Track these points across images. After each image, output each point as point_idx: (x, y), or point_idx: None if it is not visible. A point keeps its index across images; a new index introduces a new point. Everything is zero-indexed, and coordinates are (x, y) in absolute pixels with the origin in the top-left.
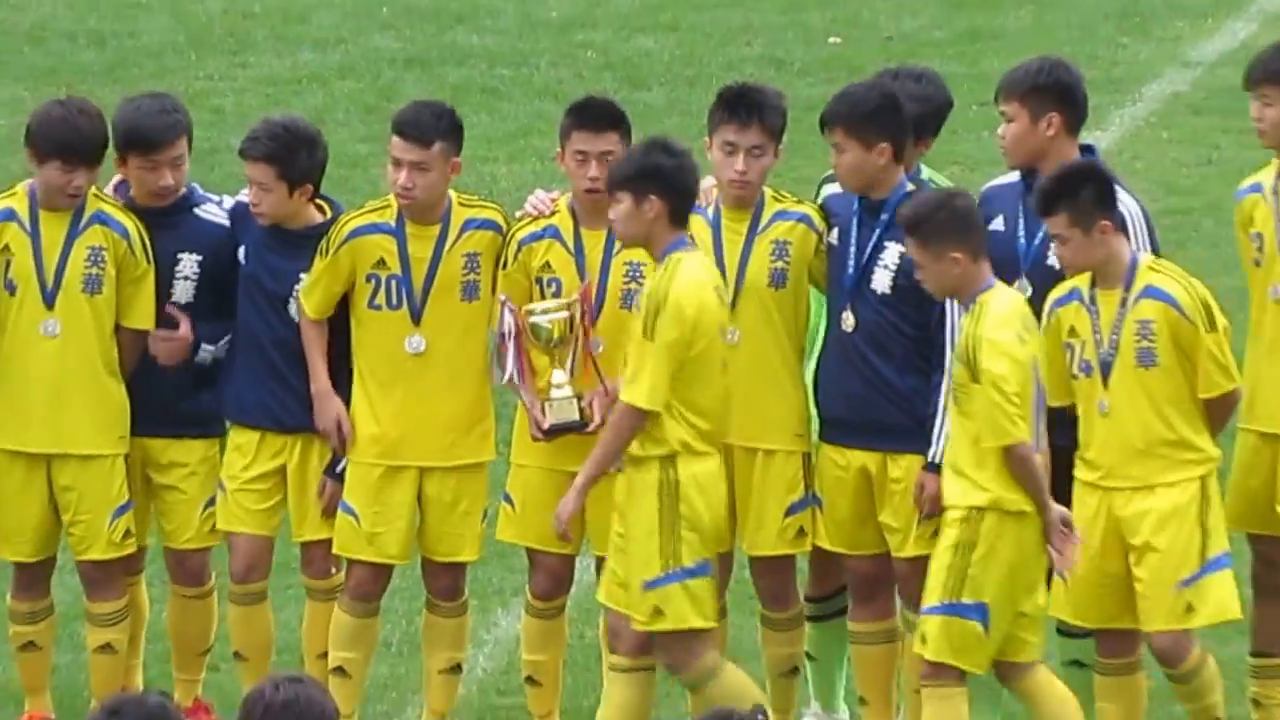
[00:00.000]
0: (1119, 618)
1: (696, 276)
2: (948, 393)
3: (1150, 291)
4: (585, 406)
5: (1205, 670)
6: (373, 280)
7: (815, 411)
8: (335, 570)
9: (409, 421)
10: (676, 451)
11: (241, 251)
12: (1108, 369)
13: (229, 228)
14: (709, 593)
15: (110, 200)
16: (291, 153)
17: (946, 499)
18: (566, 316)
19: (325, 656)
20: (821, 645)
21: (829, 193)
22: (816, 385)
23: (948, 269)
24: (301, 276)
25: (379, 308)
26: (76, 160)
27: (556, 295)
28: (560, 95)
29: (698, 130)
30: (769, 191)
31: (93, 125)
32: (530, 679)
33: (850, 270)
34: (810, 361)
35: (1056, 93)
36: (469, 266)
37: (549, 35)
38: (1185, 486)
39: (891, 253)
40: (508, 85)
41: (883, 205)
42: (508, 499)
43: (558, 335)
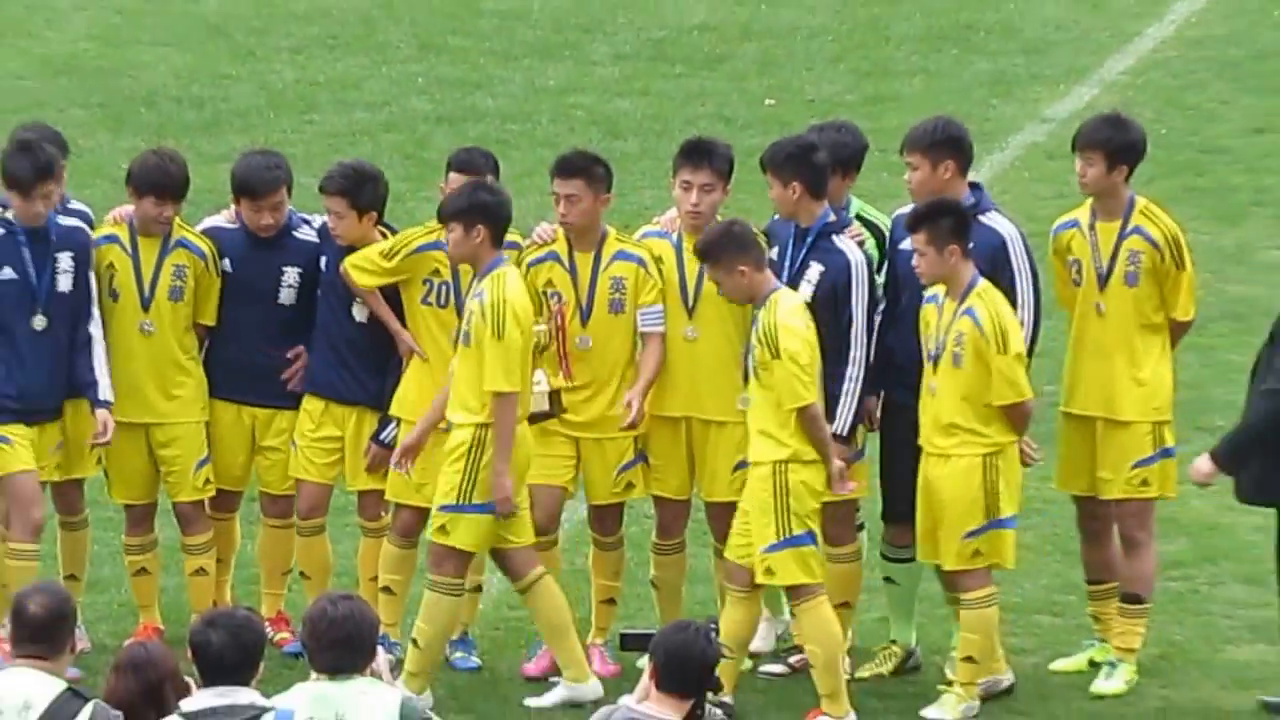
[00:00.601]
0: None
1: (519, 285)
2: (851, 377)
3: (968, 311)
4: (555, 398)
5: (986, 607)
6: (428, 284)
7: None
8: (384, 514)
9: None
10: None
11: (324, 261)
12: (937, 362)
13: (319, 244)
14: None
15: (190, 229)
16: (359, 187)
17: (753, 456)
18: (545, 329)
19: (375, 580)
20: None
21: (774, 219)
22: None
23: (738, 280)
24: None
25: (430, 304)
26: (166, 196)
27: (559, 304)
28: (556, 145)
29: (663, 172)
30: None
31: (179, 169)
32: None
33: (784, 281)
34: None
35: (951, 144)
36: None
37: (548, 98)
38: (973, 460)
39: (813, 270)
40: (515, 138)
41: (807, 232)
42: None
43: (538, 343)
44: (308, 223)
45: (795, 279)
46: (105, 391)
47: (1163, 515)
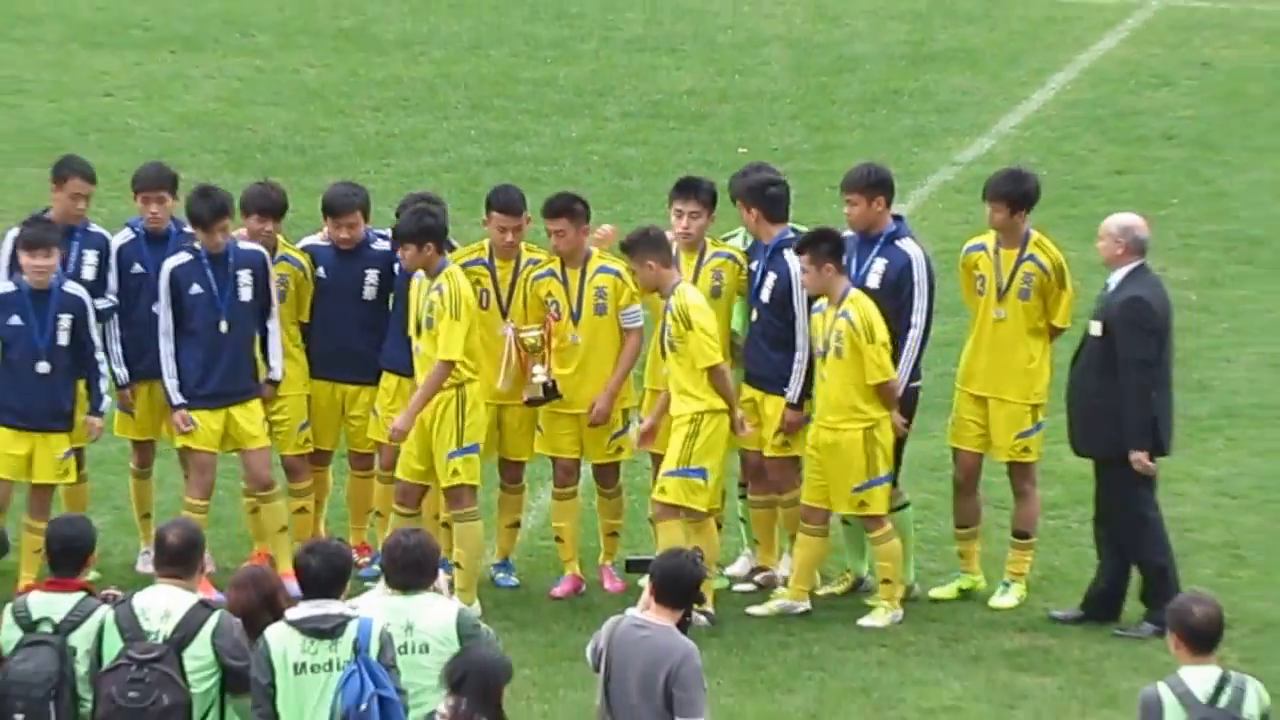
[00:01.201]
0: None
1: (465, 279)
2: (803, 361)
3: (843, 314)
4: (550, 385)
5: (888, 541)
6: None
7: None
8: None
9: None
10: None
11: (397, 265)
12: (825, 356)
13: (392, 251)
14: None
15: (291, 245)
16: (419, 234)
17: (675, 410)
18: (540, 333)
19: (437, 517)
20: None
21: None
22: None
23: (646, 271)
24: None
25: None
26: (267, 215)
27: (556, 311)
28: (577, 183)
29: (661, 204)
30: (709, 240)
31: (279, 194)
32: (557, 537)
33: (754, 286)
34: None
35: (880, 185)
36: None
37: (570, 147)
38: (855, 432)
39: (769, 278)
40: (545, 177)
41: (767, 248)
42: (538, 428)
43: (533, 344)
44: (383, 236)
45: (759, 284)
46: (276, 373)
47: (1044, 468)
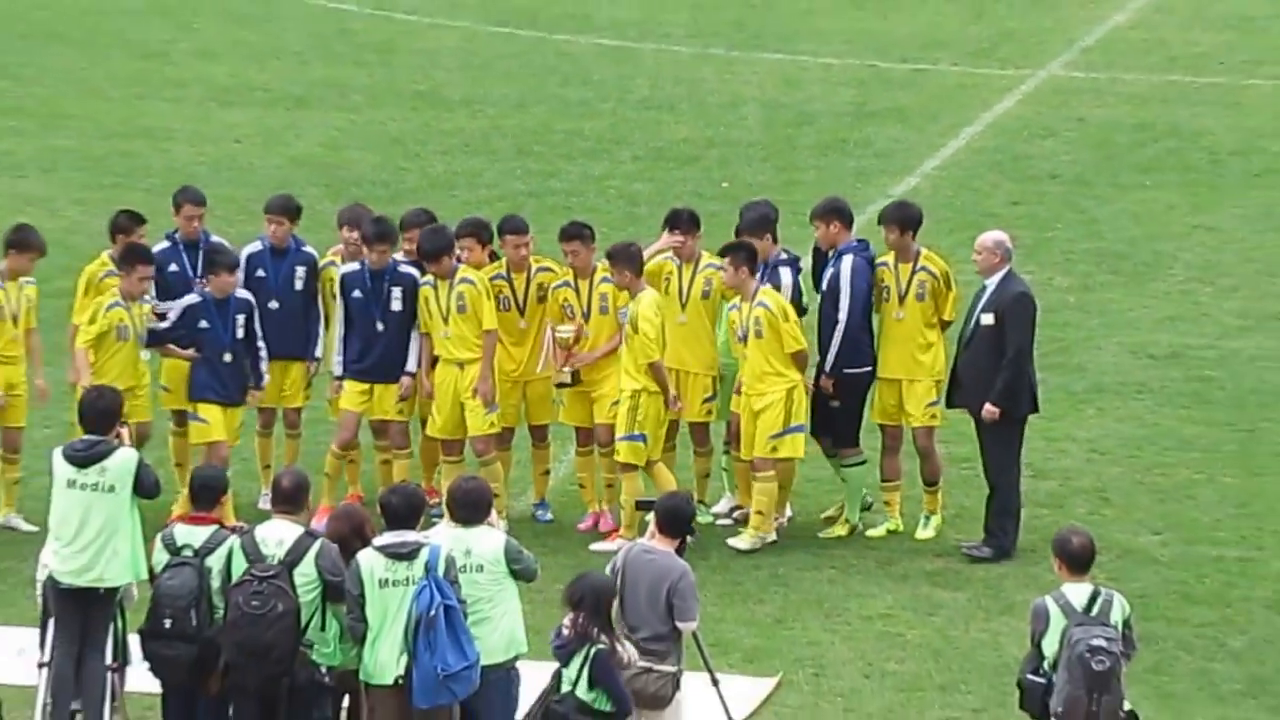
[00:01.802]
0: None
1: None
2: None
3: (760, 304)
4: (574, 375)
5: (770, 482)
6: (498, 299)
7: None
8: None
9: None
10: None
11: None
12: (746, 339)
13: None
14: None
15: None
16: (480, 232)
17: (622, 386)
18: (572, 333)
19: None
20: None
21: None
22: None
23: (620, 278)
24: None
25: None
26: (355, 227)
27: (571, 317)
28: (598, 211)
29: (658, 226)
30: (704, 253)
31: (366, 211)
32: (580, 485)
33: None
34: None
35: (836, 212)
36: (540, 293)
37: (593, 182)
38: (778, 392)
39: (767, 288)
40: (575, 206)
41: (767, 264)
42: (559, 401)
43: (564, 340)
44: (410, 262)
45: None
46: (411, 366)
47: (959, 431)
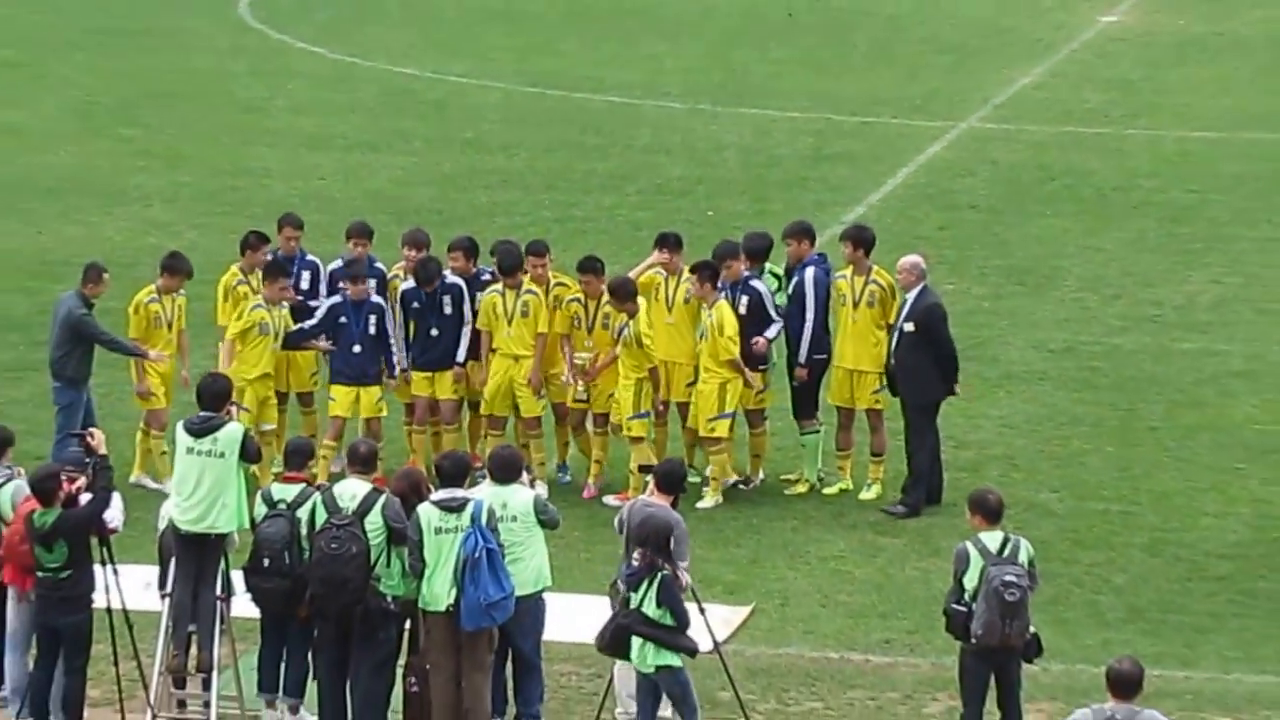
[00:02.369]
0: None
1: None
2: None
3: (710, 314)
4: (588, 389)
5: (721, 454)
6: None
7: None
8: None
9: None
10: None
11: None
12: (703, 338)
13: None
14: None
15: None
16: (471, 245)
17: (625, 378)
18: (589, 358)
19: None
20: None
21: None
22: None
23: (621, 307)
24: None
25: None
26: (456, 249)
27: (578, 327)
28: (609, 234)
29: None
30: (685, 267)
31: (423, 258)
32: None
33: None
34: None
35: (804, 233)
36: (556, 304)
37: (605, 211)
38: (712, 384)
39: (743, 300)
40: (590, 230)
41: (737, 281)
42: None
43: (581, 365)
44: (490, 273)
45: (734, 304)
46: (460, 356)
47: (898, 412)
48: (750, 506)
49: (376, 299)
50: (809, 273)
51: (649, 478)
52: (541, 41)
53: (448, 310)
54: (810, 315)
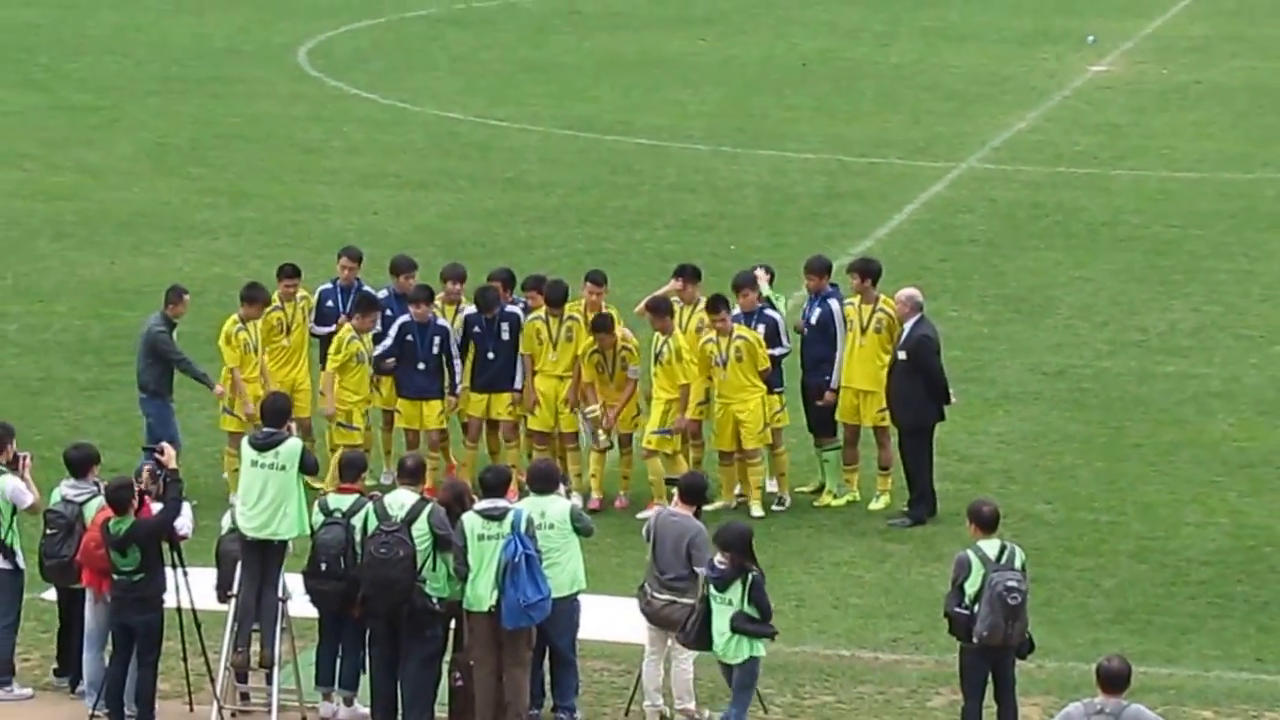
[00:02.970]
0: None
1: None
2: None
3: (740, 337)
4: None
5: (760, 466)
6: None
7: None
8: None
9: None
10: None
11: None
12: (726, 364)
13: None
14: None
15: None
16: (462, 272)
17: (658, 395)
18: (598, 410)
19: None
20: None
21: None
22: None
23: (662, 324)
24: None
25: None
26: (458, 281)
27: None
28: (639, 266)
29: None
30: (700, 298)
31: (464, 269)
32: (624, 475)
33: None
34: None
35: (826, 269)
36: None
37: (635, 245)
38: (756, 401)
39: (759, 328)
40: (620, 261)
41: (753, 312)
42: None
43: (595, 416)
44: (523, 301)
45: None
46: (518, 383)
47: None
48: (768, 516)
49: (443, 322)
50: (835, 305)
51: (674, 490)
52: (577, 89)
53: (505, 336)
54: (841, 342)
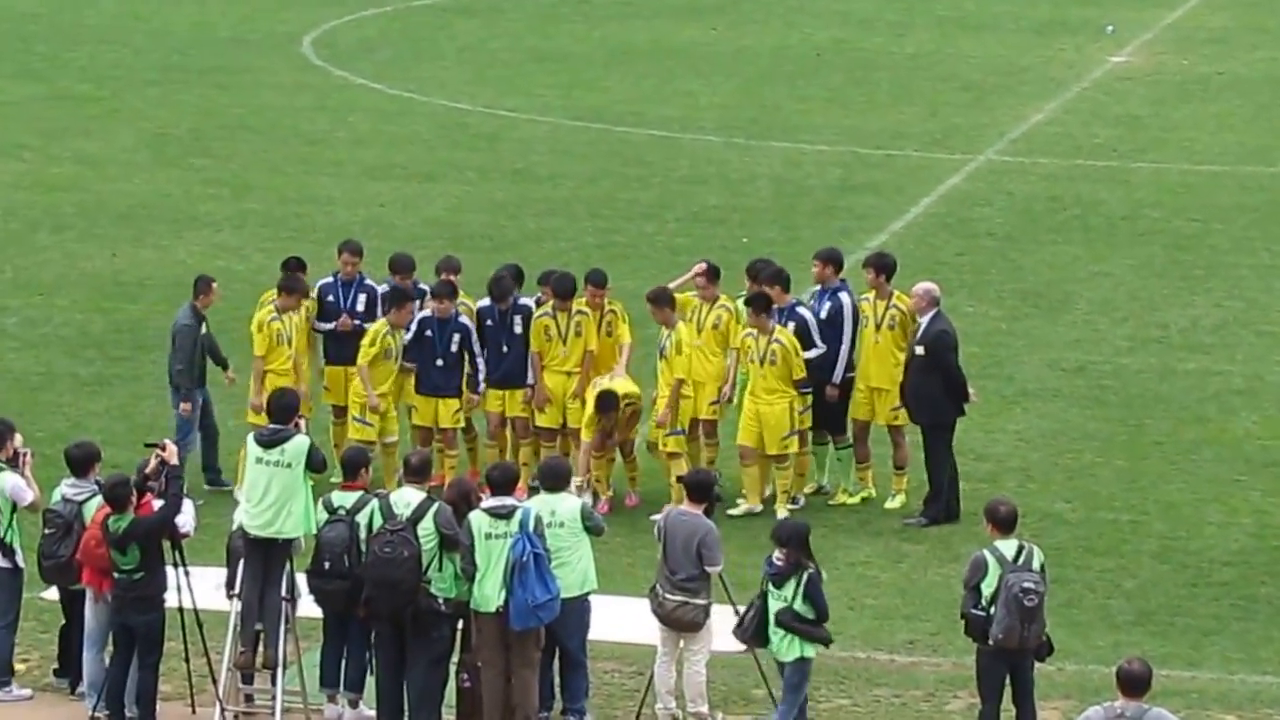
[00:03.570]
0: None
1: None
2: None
3: (776, 340)
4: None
5: (789, 469)
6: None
7: None
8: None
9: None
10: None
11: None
12: (763, 362)
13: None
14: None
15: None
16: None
17: (663, 391)
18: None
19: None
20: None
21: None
22: None
23: (662, 315)
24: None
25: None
26: (452, 272)
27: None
28: (649, 259)
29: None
30: (722, 296)
31: (458, 263)
32: (631, 477)
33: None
34: None
35: (833, 259)
36: (609, 329)
37: (645, 238)
38: (784, 404)
39: (789, 325)
40: (631, 255)
41: (783, 308)
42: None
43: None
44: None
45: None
46: (531, 379)
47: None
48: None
49: (465, 320)
50: (846, 299)
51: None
52: (587, 79)
53: (518, 330)
54: (847, 339)
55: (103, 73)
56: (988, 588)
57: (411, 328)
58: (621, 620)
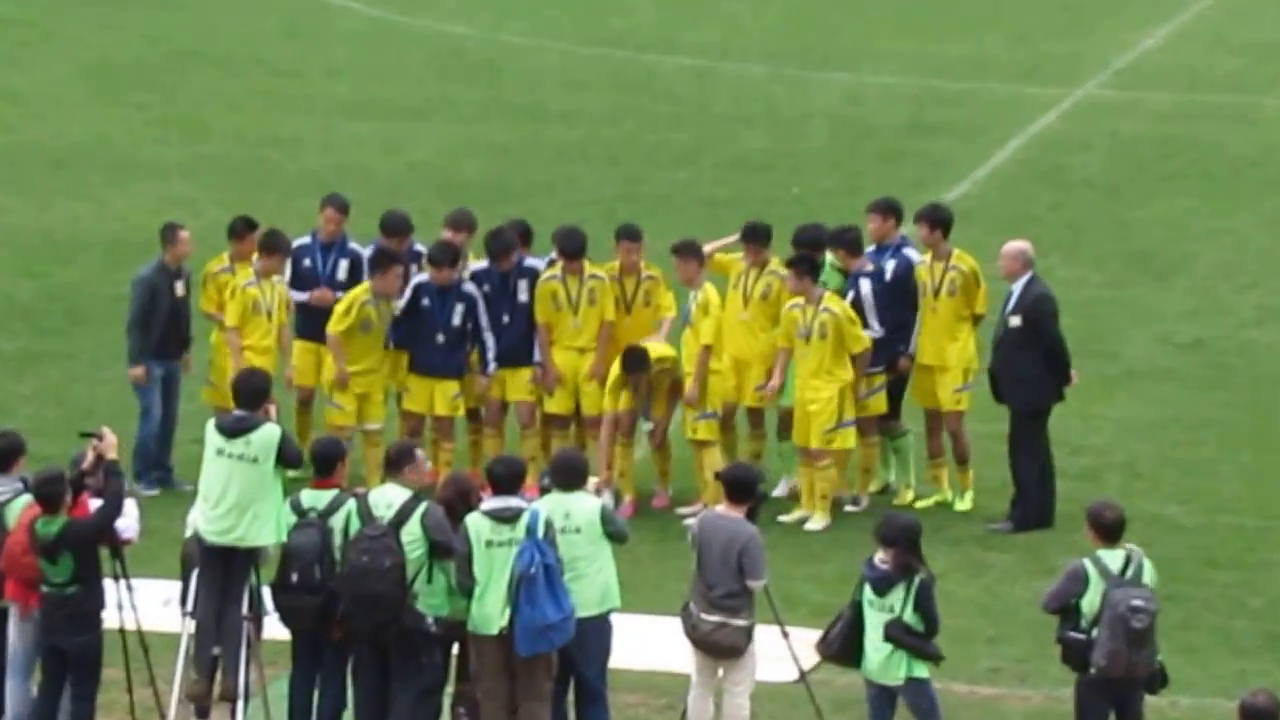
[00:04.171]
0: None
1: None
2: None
3: (825, 309)
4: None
5: (830, 469)
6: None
7: None
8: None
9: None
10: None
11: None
12: (809, 338)
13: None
14: None
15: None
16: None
17: (687, 366)
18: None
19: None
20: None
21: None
22: None
23: (685, 270)
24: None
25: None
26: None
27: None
28: (681, 213)
29: (736, 227)
30: (774, 259)
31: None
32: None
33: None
34: None
35: (890, 209)
36: (646, 297)
37: (679, 186)
38: (834, 389)
39: (833, 294)
40: (660, 209)
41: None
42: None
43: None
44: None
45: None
46: (538, 355)
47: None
48: (838, 518)
49: (470, 289)
50: (914, 254)
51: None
52: None
53: (522, 296)
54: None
55: None
56: (1089, 606)
57: (404, 298)
58: (649, 644)
